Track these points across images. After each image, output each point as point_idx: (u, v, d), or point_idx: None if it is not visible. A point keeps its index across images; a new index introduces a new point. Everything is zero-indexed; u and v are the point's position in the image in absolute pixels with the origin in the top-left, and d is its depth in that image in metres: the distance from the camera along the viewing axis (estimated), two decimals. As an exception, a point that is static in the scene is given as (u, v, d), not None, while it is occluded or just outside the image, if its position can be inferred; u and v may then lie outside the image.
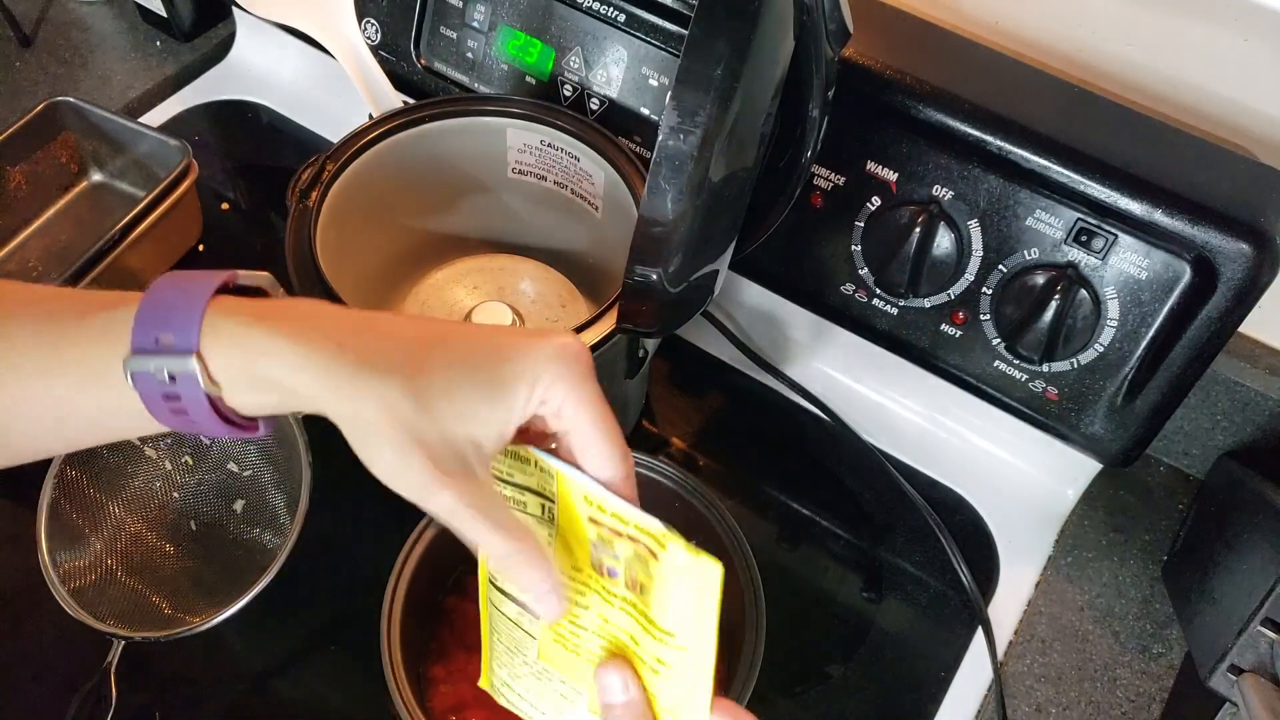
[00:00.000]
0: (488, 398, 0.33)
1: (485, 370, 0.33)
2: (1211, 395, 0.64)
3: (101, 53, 0.87)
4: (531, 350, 0.34)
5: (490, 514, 0.33)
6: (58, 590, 0.53)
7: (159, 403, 0.32)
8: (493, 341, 0.34)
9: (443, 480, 0.32)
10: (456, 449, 0.33)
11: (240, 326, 0.32)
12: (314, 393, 0.32)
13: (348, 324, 0.33)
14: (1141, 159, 0.53)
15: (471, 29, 0.68)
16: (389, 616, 0.49)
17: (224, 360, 0.32)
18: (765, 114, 0.49)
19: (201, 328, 0.32)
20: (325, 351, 0.32)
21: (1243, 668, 0.51)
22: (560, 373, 0.34)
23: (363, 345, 0.32)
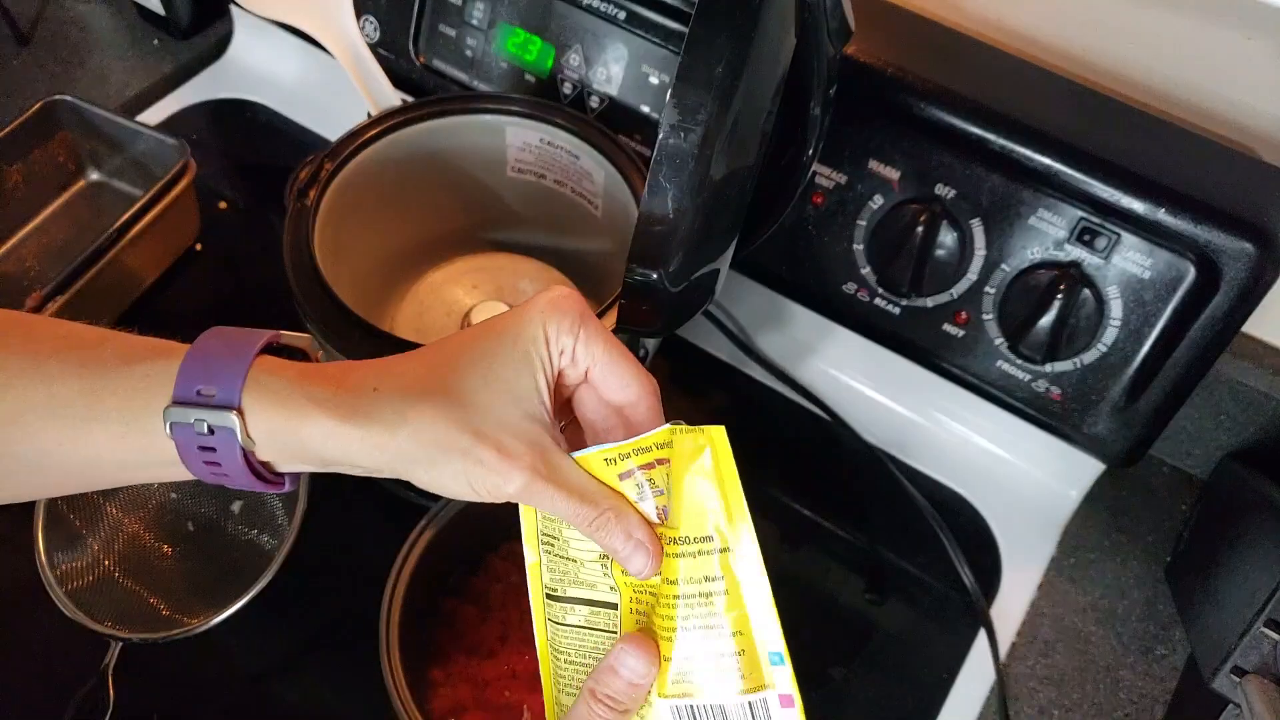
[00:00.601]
0: (514, 373, 0.35)
1: (500, 353, 0.35)
2: (1215, 395, 0.64)
3: (99, 51, 0.87)
4: (529, 315, 0.36)
5: (566, 484, 0.35)
6: (55, 591, 0.53)
7: (194, 453, 0.34)
8: (494, 329, 0.36)
9: (513, 460, 0.34)
10: (513, 430, 0.34)
11: (286, 386, 0.34)
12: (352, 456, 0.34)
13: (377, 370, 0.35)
14: (1145, 158, 0.53)
15: (470, 26, 0.68)
16: (388, 618, 0.49)
17: (265, 419, 0.33)
18: (767, 112, 0.49)
19: (245, 384, 0.33)
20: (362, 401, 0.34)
21: (1246, 669, 0.51)
22: (560, 321, 0.36)
23: (395, 381, 0.34)
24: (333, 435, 0.33)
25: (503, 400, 0.34)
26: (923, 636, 0.62)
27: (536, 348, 0.35)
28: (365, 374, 0.35)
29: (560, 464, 0.35)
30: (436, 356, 0.36)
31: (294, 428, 0.33)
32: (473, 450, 0.33)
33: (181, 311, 0.72)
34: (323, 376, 0.34)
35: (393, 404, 0.34)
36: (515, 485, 0.34)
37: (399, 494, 0.62)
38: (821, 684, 0.59)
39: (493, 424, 0.34)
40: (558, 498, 0.34)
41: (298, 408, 0.33)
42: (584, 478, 0.35)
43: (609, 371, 0.37)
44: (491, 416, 0.34)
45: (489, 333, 0.36)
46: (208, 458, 0.34)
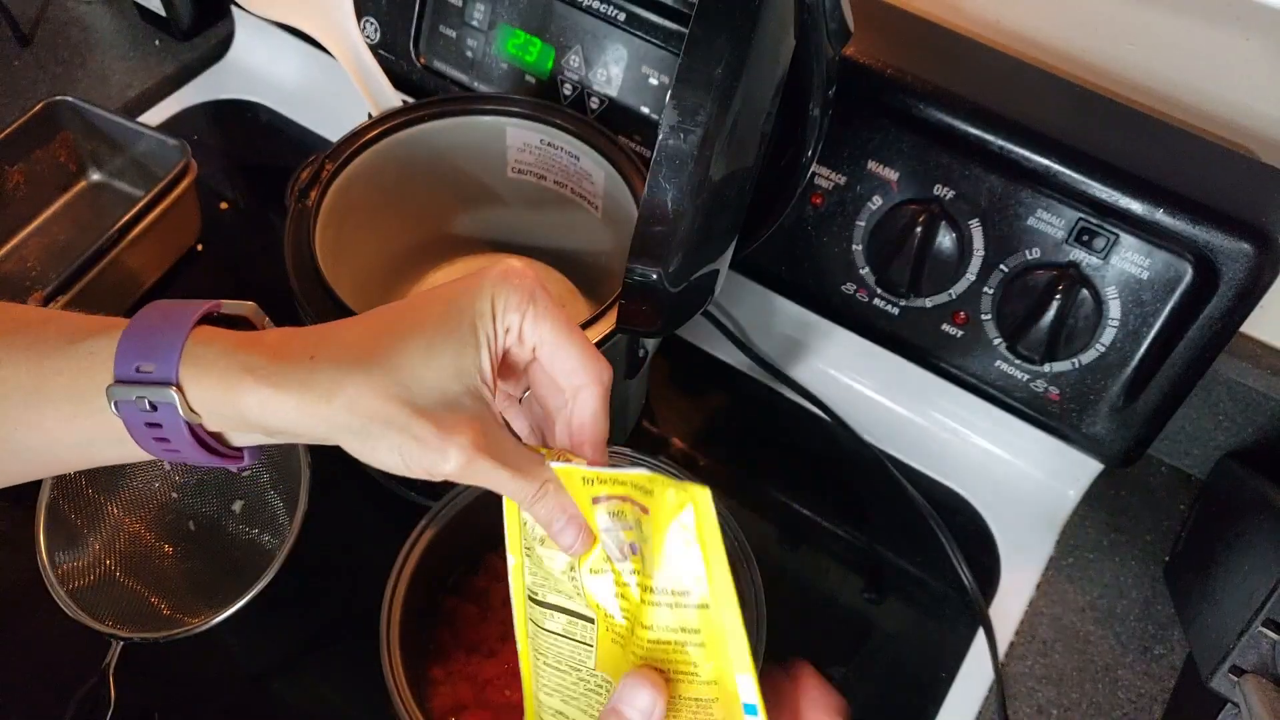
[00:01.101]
0: (456, 347, 0.34)
1: (445, 324, 0.34)
2: (1213, 395, 0.64)
3: (100, 52, 0.87)
4: (477, 288, 0.35)
5: (506, 457, 0.34)
6: (56, 591, 0.53)
7: (142, 430, 0.33)
8: (442, 297, 0.35)
9: (451, 436, 0.33)
10: (451, 405, 0.33)
11: (219, 356, 0.33)
12: (290, 424, 0.33)
13: (316, 337, 0.34)
14: (1143, 158, 0.53)
15: (471, 28, 0.68)
16: (388, 617, 0.49)
17: (202, 391, 0.33)
18: (766, 113, 0.49)
19: (181, 358, 0.33)
20: (298, 369, 0.33)
21: (1244, 668, 0.51)
22: (509, 296, 0.35)
23: (334, 348, 0.33)
24: (269, 404, 0.32)
25: (442, 374, 0.33)
26: (921, 636, 0.62)
27: (482, 322, 0.34)
28: (304, 341, 0.34)
29: (500, 440, 0.34)
30: (378, 324, 0.35)
31: (231, 399, 0.33)
32: (409, 425, 0.32)
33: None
34: (260, 345, 0.33)
35: (328, 373, 0.33)
36: (453, 463, 0.33)
37: (399, 494, 0.62)
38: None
39: (431, 398, 0.33)
40: (499, 473, 0.34)
41: (234, 378, 0.32)
42: (523, 453, 0.35)
43: (555, 355, 0.36)
44: (430, 390, 0.33)
45: (435, 301, 0.35)
46: (155, 434, 0.33)
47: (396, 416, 0.32)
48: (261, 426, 0.33)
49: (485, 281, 0.35)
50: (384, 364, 0.33)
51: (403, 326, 0.34)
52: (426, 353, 0.33)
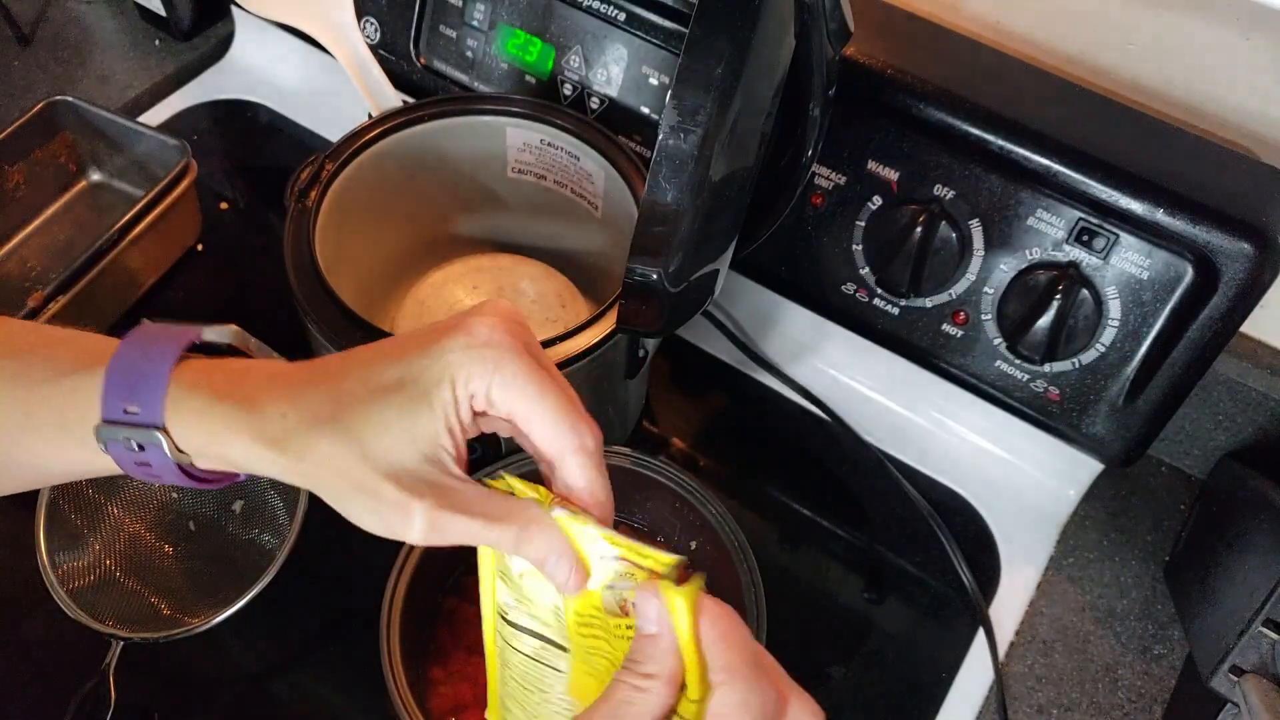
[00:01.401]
0: (413, 418, 0.33)
1: (403, 392, 0.34)
2: (1213, 395, 0.64)
3: (100, 52, 0.87)
4: (438, 352, 0.34)
5: (477, 510, 0.34)
6: (56, 591, 0.53)
7: (131, 465, 0.34)
8: (407, 353, 0.34)
9: (414, 500, 0.33)
10: (416, 471, 0.33)
11: (204, 405, 0.34)
12: (275, 471, 0.34)
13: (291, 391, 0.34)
14: (1143, 158, 0.53)
15: (471, 28, 0.68)
16: (388, 617, 0.49)
17: (188, 436, 0.34)
18: (766, 113, 0.49)
19: (166, 402, 0.33)
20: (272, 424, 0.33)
21: (1244, 668, 0.51)
22: (472, 366, 0.34)
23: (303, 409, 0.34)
24: (254, 456, 0.33)
25: (401, 442, 0.33)
26: (922, 636, 0.62)
27: (439, 392, 0.33)
28: (276, 396, 0.34)
29: (465, 496, 0.34)
30: (348, 382, 0.34)
31: (217, 449, 0.34)
32: (374, 488, 0.33)
33: (183, 312, 0.72)
34: (239, 394, 0.34)
35: (301, 432, 0.33)
36: (418, 525, 0.33)
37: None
38: (820, 683, 0.59)
39: (391, 463, 0.33)
40: (471, 525, 0.33)
41: (218, 431, 0.33)
42: (495, 501, 0.34)
43: (530, 425, 0.35)
44: (389, 455, 0.33)
45: (400, 360, 0.34)
46: (145, 470, 0.34)
47: (362, 479, 0.33)
48: (248, 470, 0.34)
49: (446, 348, 0.34)
50: (349, 429, 0.33)
51: (366, 388, 0.34)
52: (383, 420, 0.33)
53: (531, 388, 0.34)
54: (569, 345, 0.51)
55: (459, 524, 0.33)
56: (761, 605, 0.50)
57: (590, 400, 0.59)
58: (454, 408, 0.34)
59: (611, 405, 0.63)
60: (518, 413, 0.34)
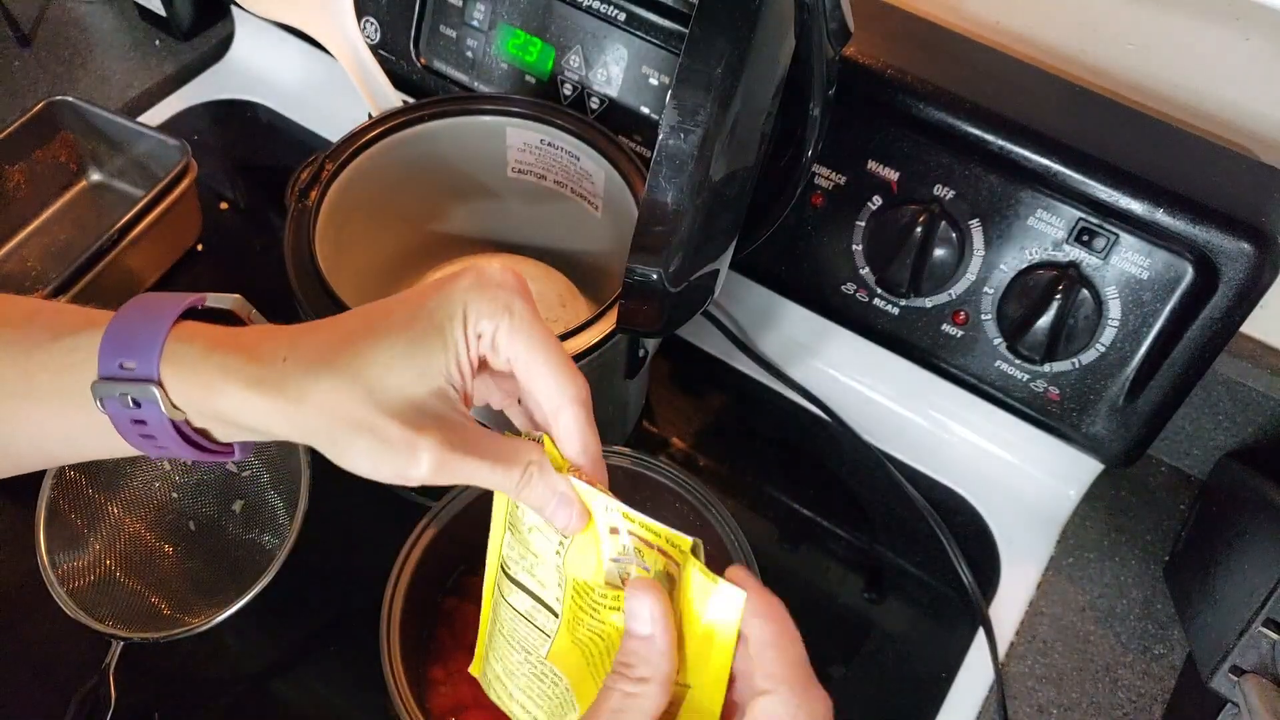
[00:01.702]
0: (425, 352, 0.33)
1: (414, 328, 0.33)
2: (1213, 395, 0.64)
3: (100, 52, 0.87)
4: (450, 291, 0.34)
5: (482, 450, 0.33)
6: (56, 591, 0.53)
7: (128, 427, 0.33)
8: (415, 299, 0.34)
9: (421, 437, 0.32)
10: (418, 407, 0.32)
11: (198, 356, 0.33)
12: (267, 425, 0.33)
13: (290, 338, 0.34)
14: (1143, 159, 0.53)
15: (471, 28, 0.68)
16: (388, 617, 0.49)
17: (182, 390, 0.33)
18: (766, 113, 0.49)
19: (162, 355, 0.32)
20: (271, 371, 0.32)
21: (1244, 668, 0.51)
22: (484, 304, 0.34)
23: (304, 349, 0.33)
24: (245, 405, 0.32)
25: (406, 376, 0.33)
26: (921, 636, 0.62)
27: (452, 327, 0.33)
28: (278, 342, 0.33)
29: (472, 434, 0.33)
30: (351, 325, 0.34)
31: (209, 398, 0.33)
32: (378, 426, 0.32)
33: (183, 312, 0.72)
34: (237, 344, 0.33)
35: (299, 375, 0.32)
36: (424, 463, 0.32)
37: (400, 494, 0.62)
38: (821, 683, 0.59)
39: (397, 401, 0.32)
40: (478, 466, 0.33)
41: (209, 378, 0.33)
42: (501, 441, 0.34)
43: (529, 374, 0.34)
44: (395, 393, 0.32)
45: (406, 303, 0.34)
46: (141, 430, 0.33)
47: (364, 419, 0.32)
48: (240, 426, 0.33)
49: (459, 286, 0.34)
50: (352, 367, 0.32)
51: (373, 328, 0.33)
52: (391, 356, 0.33)
53: (538, 333, 0.34)
54: (569, 345, 0.51)
55: (466, 464, 0.33)
56: (761, 605, 0.50)
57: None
58: (464, 345, 0.33)
59: (611, 405, 0.63)
60: (520, 359, 0.34)
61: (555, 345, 0.35)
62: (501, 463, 0.34)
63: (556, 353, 0.35)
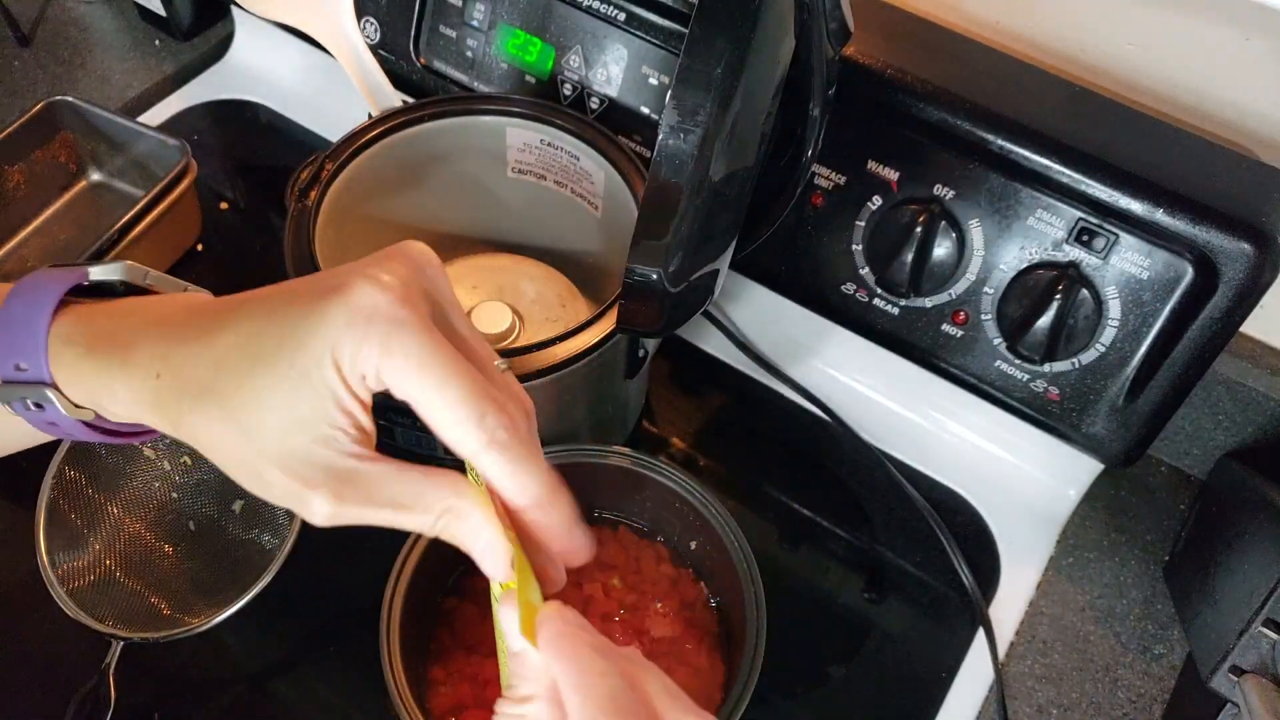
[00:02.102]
0: (305, 394, 0.29)
1: (282, 363, 0.29)
2: (1213, 395, 0.64)
3: (100, 52, 0.87)
4: (320, 323, 0.29)
5: (382, 498, 0.30)
6: (56, 591, 0.53)
7: (41, 424, 0.32)
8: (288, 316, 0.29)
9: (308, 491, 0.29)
10: (308, 456, 0.29)
11: (78, 359, 0.31)
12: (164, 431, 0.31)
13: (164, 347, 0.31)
14: (1143, 158, 0.53)
15: (471, 28, 0.68)
16: (388, 617, 0.49)
17: (74, 392, 0.31)
18: (766, 113, 0.49)
19: (49, 358, 0.31)
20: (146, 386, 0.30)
21: (1244, 668, 0.51)
22: (351, 345, 0.28)
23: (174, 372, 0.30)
24: (137, 416, 0.31)
25: (283, 424, 0.29)
26: (921, 636, 0.62)
27: (321, 374, 0.29)
28: (150, 350, 0.30)
29: (368, 481, 0.30)
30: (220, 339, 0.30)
31: (99, 403, 0.31)
32: (262, 474, 0.29)
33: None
34: (114, 344, 0.31)
35: (173, 400, 0.30)
36: (318, 516, 0.29)
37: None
38: (820, 683, 0.59)
39: (278, 449, 0.29)
40: (379, 514, 0.30)
41: (93, 388, 0.31)
42: (407, 483, 0.30)
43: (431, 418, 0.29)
44: (276, 441, 0.29)
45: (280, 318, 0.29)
46: (54, 429, 0.32)
47: (246, 462, 0.29)
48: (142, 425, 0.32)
49: (327, 319, 0.28)
50: (226, 403, 0.29)
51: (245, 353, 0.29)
52: (266, 397, 0.29)
53: (429, 373, 0.29)
54: (569, 345, 0.51)
55: (364, 514, 0.30)
56: (761, 605, 0.50)
57: (590, 400, 0.59)
58: (343, 387, 0.29)
59: (611, 405, 0.63)
60: (415, 400, 0.29)
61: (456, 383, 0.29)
62: (405, 509, 0.30)
63: (456, 394, 0.29)
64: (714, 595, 0.56)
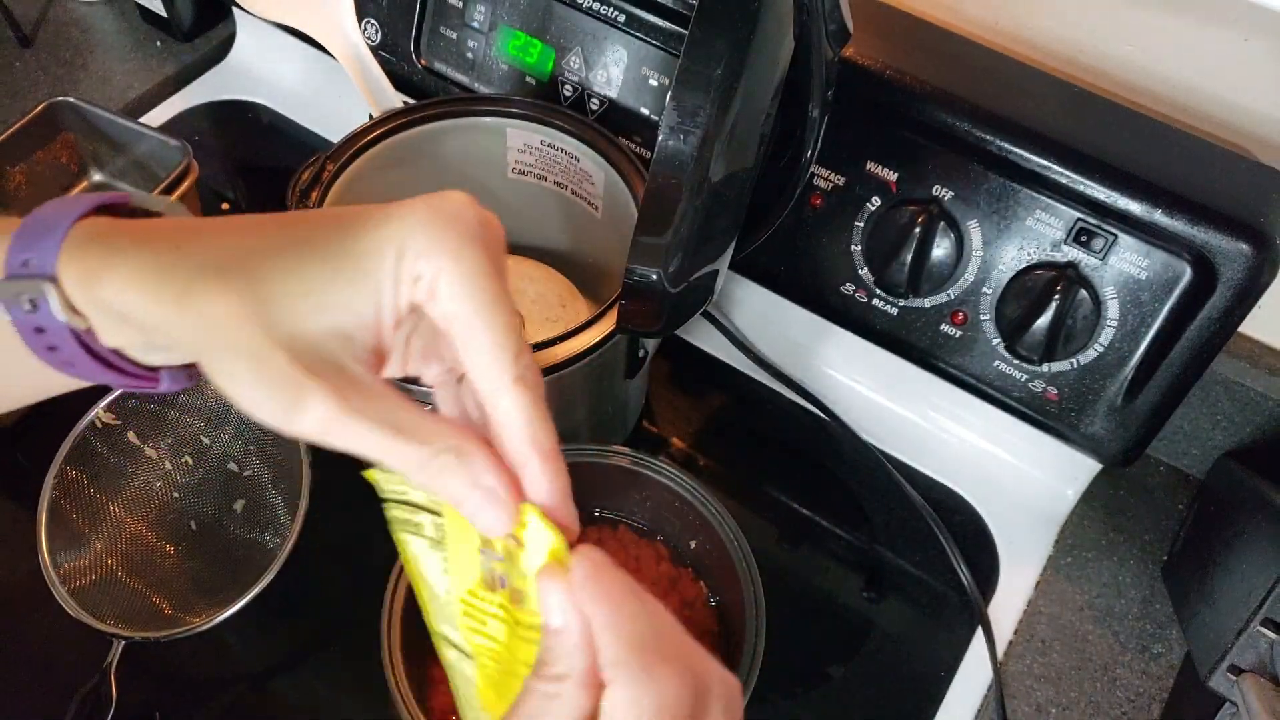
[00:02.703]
0: (347, 277, 0.27)
1: (343, 245, 0.27)
2: (1211, 395, 0.64)
3: (101, 53, 0.87)
4: (398, 214, 0.28)
5: (382, 416, 0.27)
6: (58, 590, 0.53)
7: (32, 337, 0.28)
8: (351, 216, 0.29)
9: (312, 382, 0.26)
10: (320, 347, 0.27)
11: (89, 239, 0.28)
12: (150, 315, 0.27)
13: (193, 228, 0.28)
14: (1141, 159, 0.53)
15: (471, 29, 0.68)
16: (389, 616, 0.49)
17: (74, 284, 0.27)
18: (765, 114, 0.49)
19: (62, 249, 0.28)
20: (161, 259, 0.27)
21: (1242, 668, 0.51)
22: (427, 240, 0.27)
23: (207, 244, 0.28)
24: (123, 294, 0.27)
25: (315, 306, 0.27)
26: (920, 635, 0.62)
27: (379, 259, 0.27)
28: (177, 231, 0.28)
29: (375, 393, 0.27)
30: (269, 228, 0.28)
31: (92, 287, 0.27)
32: (261, 353, 0.26)
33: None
34: (136, 231, 0.28)
35: (187, 271, 0.27)
36: (311, 416, 0.26)
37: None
38: (819, 682, 0.60)
39: (292, 330, 0.27)
40: (371, 435, 0.27)
41: (96, 266, 0.27)
42: (408, 412, 0.28)
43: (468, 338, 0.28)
44: (294, 320, 0.27)
45: (343, 220, 0.28)
46: (45, 341, 0.28)
47: (248, 340, 0.26)
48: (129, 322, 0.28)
49: (408, 212, 0.28)
50: (249, 274, 0.27)
51: (295, 236, 0.28)
52: (304, 274, 0.27)
53: (484, 291, 0.28)
54: (569, 345, 0.52)
55: (358, 426, 0.27)
56: (761, 605, 0.50)
57: (590, 400, 0.59)
58: (393, 283, 0.27)
59: (611, 405, 0.63)
60: (460, 317, 0.28)
61: (506, 310, 0.28)
62: (403, 436, 0.27)
63: (504, 318, 0.28)
64: (713, 594, 0.56)
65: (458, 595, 0.32)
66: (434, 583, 0.33)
